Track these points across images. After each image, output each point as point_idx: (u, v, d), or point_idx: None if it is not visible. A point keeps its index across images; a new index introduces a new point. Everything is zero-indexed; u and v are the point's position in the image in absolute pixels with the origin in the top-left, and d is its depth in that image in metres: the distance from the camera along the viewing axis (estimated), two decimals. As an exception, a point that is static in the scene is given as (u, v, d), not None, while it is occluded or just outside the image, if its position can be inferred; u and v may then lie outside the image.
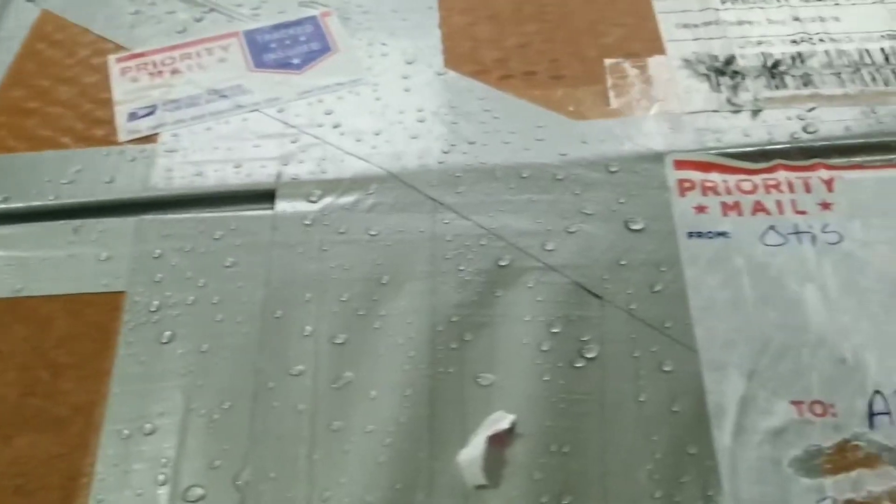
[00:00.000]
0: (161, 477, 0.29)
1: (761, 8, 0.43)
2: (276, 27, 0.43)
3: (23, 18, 0.44)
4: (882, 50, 0.40)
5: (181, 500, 0.29)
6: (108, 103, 0.40)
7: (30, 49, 0.43)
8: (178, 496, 0.29)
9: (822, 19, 0.42)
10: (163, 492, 0.29)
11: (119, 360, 0.31)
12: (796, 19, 0.42)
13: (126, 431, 0.30)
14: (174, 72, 0.41)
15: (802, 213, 0.34)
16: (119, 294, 0.33)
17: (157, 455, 0.29)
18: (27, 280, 0.34)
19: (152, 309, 0.33)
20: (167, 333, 0.32)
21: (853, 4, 0.42)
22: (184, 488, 0.29)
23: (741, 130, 0.37)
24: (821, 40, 0.41)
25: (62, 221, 0.35)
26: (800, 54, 0.40)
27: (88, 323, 0.32)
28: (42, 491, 0.29)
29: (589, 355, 0.31)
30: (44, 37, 0.43)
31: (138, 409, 0.30)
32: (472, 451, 0.29)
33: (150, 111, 0.39)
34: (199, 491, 0.29)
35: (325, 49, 0.42)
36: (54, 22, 0.44)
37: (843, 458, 0.29)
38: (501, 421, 0.29)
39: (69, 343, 0.32)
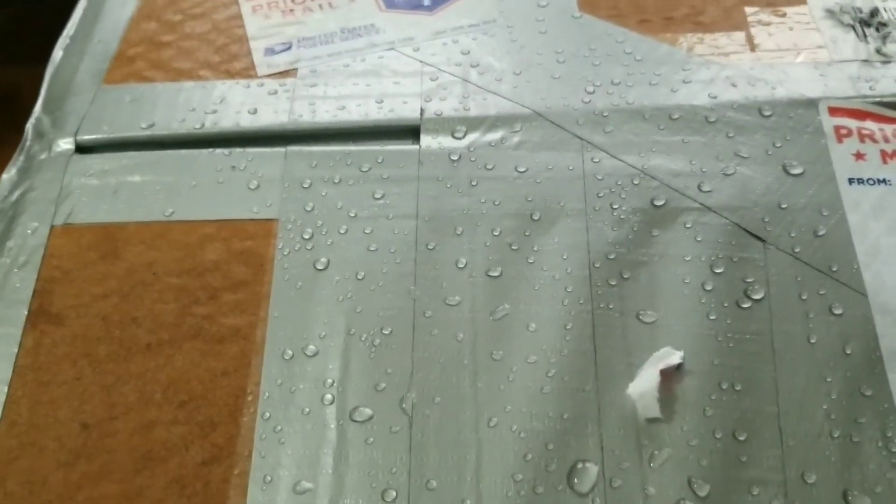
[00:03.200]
0: (328, 396, 0.29)
1: (903, -38, 0.41)
2: (404, -30, 0.43)
3: (148, -44, 0.44)
4: None
5: (349, 420, 0.28)
6: (242, 39, 0.39)
7: (158, -15, 0.42)
8: (346, 415, 0.29)
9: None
10: (330, 411, 0.29)
11: (276, 285, 0.31)
12: (942, -28, 0.40)
13: (289, 352, 0.30)
14: (305, 10, 0.41)
15: (967, 161, 0.33)
16: (271, 221, 0.33)
17: (321, 376, 0.29)
18: (177, 204, 0.33)
19: (306, 237, 0.32)
20: (322, 260, 0.32)
21: None
22: (351, 408, 0.29)
23: (894, 80, 0.36)
24: (969, -7, 0.40)
25: (209, 150, 0.35)
26: (947, 7, 0.39)
27: (241, 248, 0.32)
28: (206, 407, 0.29)
29: (755, 296, 0.30)
30: (171, -26, 0.43)
31: (299, 332, 0.30)
32: (644, 384, 0.28)
33: (287, 47, 0.39)
34: (367, 411, 0.29)
35: (455, -8, 0.41)
36: (180, -40, 0.44)
37: None
38: (671, 356, 0.29)
39: (223, 267, 0.32)
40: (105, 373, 0.30)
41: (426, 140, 0.35)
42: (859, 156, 0.34)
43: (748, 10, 0.39)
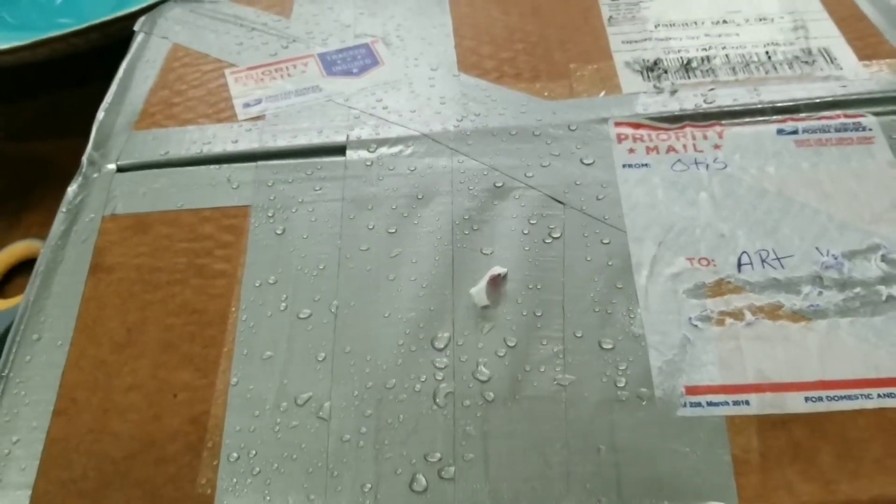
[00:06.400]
0: (283, 305, 0.46)
1: (682, 29, 0.60)
2: (340, 51, 0.62)
3: (161, 49, 0.63)
4: (766, 52, 0.57)
5: (296, 318, 0.45)
6: (228, 98, 0.58)
7: (168, 67, 0.61)
8: (295, 315, 0.45)
9: (726, 35, 0.59)
10: (285, 314, 0.45)
11: (251, 244, 0.48)
12: (707, 35, 0.60)
13: (258, 282, 0.47)
14: (271, 79, 0.59)
15: (701, 151, 0.51)
16: (247, 207, 0.50)
17: (279, 294, 0.46)
18: (185, 200, 0.51)
19: (269, 215, 0.50)
20: (280, 228, 0.49)
21: (749, 25, 0.60)
22: (297, 311, 0.45)
23: (661, 104, 0.54)
24: (723, 48, 0.58)
25: (206, 166, 0.53)
26: (707, 57, 0.57)
27: (227, 224, 0.50)
28: (206, 315, 0.46)
29: (555, 235, 0.47)
30: (177, 59, 0.62)
31: (266, 271, 0.47)
32: (479, 286, 0.45)
33: (258, 102, 0.57)
34: (307, 311, 0.45)
35: (374, 63, 0.60)
36: (183, 50, 0.63)
37: (719, 288, 0.45)
38: (499, 270, 0.46)
39: (216, 236, 0.49)
40: (140, 300, 0.47)
41: (350, 154, 0.53)
42: (632, 150, 0.51)
43: (572, 65, 0.58)
